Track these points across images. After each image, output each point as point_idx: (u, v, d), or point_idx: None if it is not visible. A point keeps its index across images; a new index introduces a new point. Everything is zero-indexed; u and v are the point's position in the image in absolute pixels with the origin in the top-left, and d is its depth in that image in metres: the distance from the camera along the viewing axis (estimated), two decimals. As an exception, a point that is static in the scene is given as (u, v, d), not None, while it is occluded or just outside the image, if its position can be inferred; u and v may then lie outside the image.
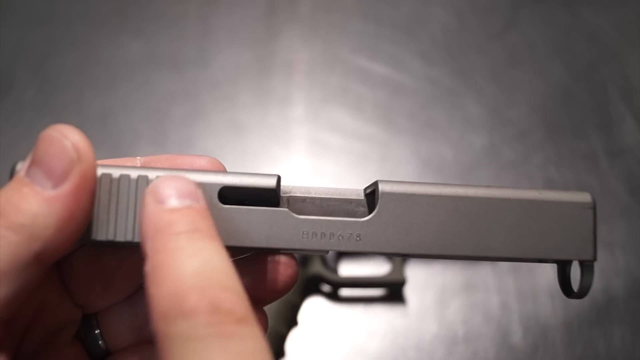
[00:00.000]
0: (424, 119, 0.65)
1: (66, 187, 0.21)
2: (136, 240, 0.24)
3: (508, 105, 0.66)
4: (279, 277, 0.25)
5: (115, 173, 0.24)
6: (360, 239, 0.25)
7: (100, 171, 0.24)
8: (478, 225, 0.25)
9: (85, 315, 0.27)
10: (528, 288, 0.56)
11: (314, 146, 0.64)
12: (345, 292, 0.56)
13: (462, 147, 0.63)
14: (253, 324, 0.19)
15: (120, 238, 0.24)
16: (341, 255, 0.57)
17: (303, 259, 0.54)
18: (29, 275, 0.21)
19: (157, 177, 0.24)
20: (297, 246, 0.25)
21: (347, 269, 0.56)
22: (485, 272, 0.57)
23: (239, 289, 0.20)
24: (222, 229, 0.24)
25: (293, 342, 0.53)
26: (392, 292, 0.56)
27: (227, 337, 0.18)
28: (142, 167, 0.26)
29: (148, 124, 0.64)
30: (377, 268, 0.56)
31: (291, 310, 0.53)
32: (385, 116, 0.66)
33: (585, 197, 0.26)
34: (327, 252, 0.26)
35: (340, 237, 0.25)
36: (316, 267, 0.54)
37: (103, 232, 0.24)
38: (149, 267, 0.20)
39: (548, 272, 0.57)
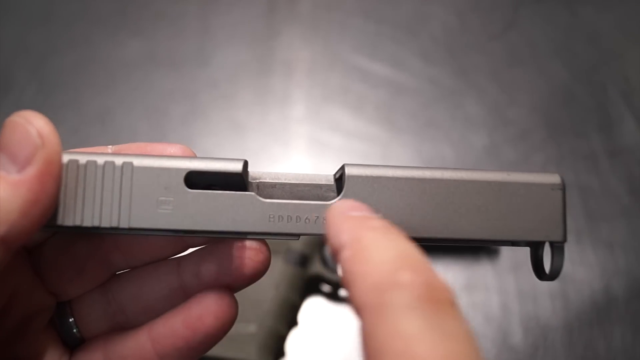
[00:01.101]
0: (425, 119, 0.65)
1: (30, 172, 0.22)
2: (103, 225, 0.24)
3: (509, 105, 0.66)
4: (248, 263, 0.25)
5: (82, 159, 0.24)
6: (325, 223, 0.25)
7: (67, 157, 0.24)
8: (446, 208, 0.25)
9: (59, 302, 0.27)
10: (528, 288, 0.56)
11: (314, 145, 0.64)
12: (345, 292, 0.56)
13: (462, 147, 0.63)
14: (462, 315, 0.19)
15: (87, 223, 0.24)
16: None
17: (303, 259, 0.53)
18: None
19: (124, 163, 0.24)
20: (263, 229, 0.25)
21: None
22: (485, 272, 0.57)
23: (442, 276, 0.20)
24: (189, 214, 0.24)
25: (293, 342, 0.53)
26: (393, 292, 0.56)
27: (439, 316, 0.19)
28: (109, 154, 0.25)
29: (147, 123, 0.64)
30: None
31: (291, 310, 0.52)
32: (386, 116, 0.65)
33: (554, 179, 0.26)
34: (296, 236, 0.25)
35: (307, 220, 0.25)
36: (316, 267, 0.54)
37: (70, 218, 0.24)
38: (349, 251, 0.21)
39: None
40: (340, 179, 0.26)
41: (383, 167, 0.26)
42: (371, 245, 0.21)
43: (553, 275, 0.26)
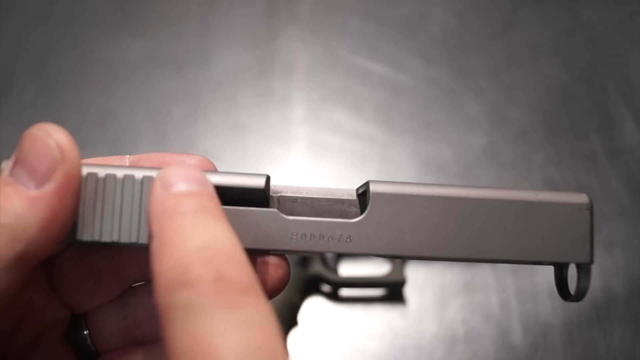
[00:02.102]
0: (424, 119, 0.65)
1: (50, 187, 0.21)
2: (122, 241, 0.24)
3: (508, 105, 0.66)
4: (268, 279, 0.25)
5: (101, 173, 0.24)
6: (350, 240, 0.25)
7: (85, 170, 0.24)
8: (472, 227, 0.25)
9: (74, 315, 0.27)
10: (528, 288, 0.56)
11: (314, 146, 0.64)
12: (345, 292, 0.56)
13: (462, 147, 0.63)
14: (259, 294, 0.19)
15: (106, 239, 0.24)
16: (341, 255, 0.57)
17: (302, 259, 0.54)
18: (13, 276, 0.21)
19: (144, 177, 0.24)
20: (286, 247, 0.25)
21: (347, 269, 0.56)
22: (485, 272, 0.57)
23: (244, 261, 0.20)
24: None
25: (293, 342, 0.53)
26: (392, 292, 0.56)
27: (231, 306, 0.18)
28: (129, 166, 0.25)
29: (148, 124, 0.64)
30: (377, 268, 0.56)
31: (291, 310, 0.53)
32: (385, 116, 0.66)
33: (582, 199, 0.26)
34: (318, 253, 0.25)
35: (331, 239, 0.25)
36: (316, 267, 0.54)
37: (89, 233, 0.24)
38: (154, 245, 0.20)
39: (548, 272, 0.56)
40: (363, 194, 0.26)
41: (408, 185, 0.25)
42: (173, 237, 0.20)
43: (579, 297, 0.26)
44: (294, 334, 0.53)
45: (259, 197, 0.25)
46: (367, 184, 0.25)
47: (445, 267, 0.57)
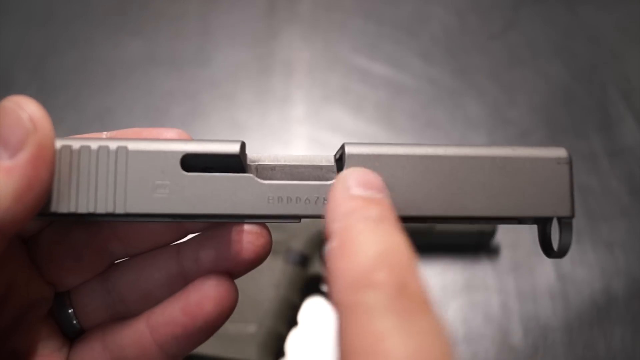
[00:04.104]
0: (425, 119, 0.65)
1: (23, 157, 0.21)
2: (98, 211, 0.24)
3: (508, 105, 0.66)
4: (249, 247, 0.25)
5: (76, 145, 0.24)
6: (326, 202, 0.24)
7: (60, 143, 0.24)
8: (450, 185, 0.25)
9: (58, 293, 0.27)
10: (528, 288, 0.56)
11: (314, 145, 0.64)
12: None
13: (462, 147, 0.63)
14: (435, 313, 0.19)
15: (82, 210, 0.23)
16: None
17: (303, 259, 0.53)
18: None
19: (118, 147, 0.23)
20: (262, 211, 0.24)
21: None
22: (485, 272, 0.57)
23: (421, 274, 0.20)
24: (186, 197, 0.24)
25: (293, 342, 0.53)
26: (393, 292, 0.56)
27: (410, 314, 0.19)
28: (103, 138, 0.25)
29: (147, 123, 0.64)
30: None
31: (291, 310, 0.53)
32: (386, 116, 0.65)
33: (560, 152, 0.25)
34: (297, 219, 0.25)
35: (307, 201, 0.24)
36: (316, 267, 0.54)
37: (64, 205, 0.23)
38: (336, 243, 0.21)
39: (548, 272, 0.57)
40: (340, 159, 0.26)
41: (384, 145, 0.25)
42: (357, 238, 0.20)
43: (561, 252, 0.25)
44: (294, 334, 0.53)
45: (235, 163, 0.25)
46: (342, 147, 0.25)
47: (445, 267, 0.57)
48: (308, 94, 0.67)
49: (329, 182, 0.25)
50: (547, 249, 0.26)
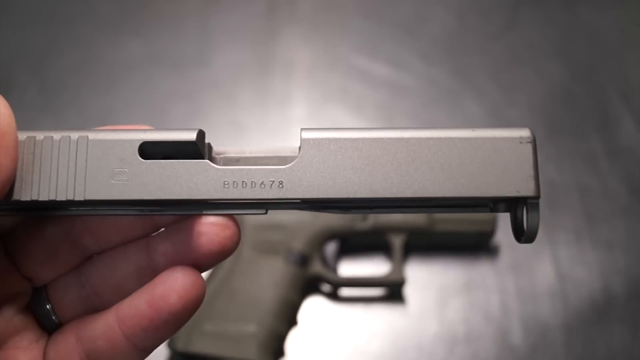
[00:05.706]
0: (425, 119, 0.65)
1: None
2: (59, 198, 0.24)
3: (508, 105, 0.66)
4: (215, 239, 0.25)
5: (40, 136, 0.25)
6: (282, 186, 0.24)
7: (25, 135, 0.25)
8: (408, 167, 0.24)
9: (35, 288, 0.27)
10: (528, 288, 0.56)
11: (314, 146, 0.64)
12: (345, 292, 0.56)
13: (462, 147, 0.63)
14: None
15: (43, 197, 0.24)
16: (341, 254, 0.57)
17: (303, 259, 0.53)
18: None
19: (79, 137, 0.25)
20: (219, 196, 0.24)
21: (347, 268, 0.56)
22: (485, 272, 0.57)
23: None
24: (143, 183, 0.24)
25: (293, 342, 0.53)
26: (392, 292, 0.56)
27: None
28: (67, 129, 0.26)
29: (148, 124, 0.64)
30: (377, 268, 0.56)
31: (291, 310, 0.53)
32: (386, 116, 0.66)
33: (523, 132, 0.25)
34: (261, 209, 0.25)
35: (263, 185, 0.24)
36: (316, 267, 0.54)
37: (27, 193, 0.24)
38: None
39: (548, 272, 0.57)
40: None
41: (342, 130, 0.25)
42: None
43: (529, 236, 0.25)
44: (293, 334, 0.53)
45: (193, 150, 0.25)
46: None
47: (445, 267, 0.57)
48: (308, 94, 0.67)
49: (285, 166, 0.25)
50: (518, 234, 0.26)
